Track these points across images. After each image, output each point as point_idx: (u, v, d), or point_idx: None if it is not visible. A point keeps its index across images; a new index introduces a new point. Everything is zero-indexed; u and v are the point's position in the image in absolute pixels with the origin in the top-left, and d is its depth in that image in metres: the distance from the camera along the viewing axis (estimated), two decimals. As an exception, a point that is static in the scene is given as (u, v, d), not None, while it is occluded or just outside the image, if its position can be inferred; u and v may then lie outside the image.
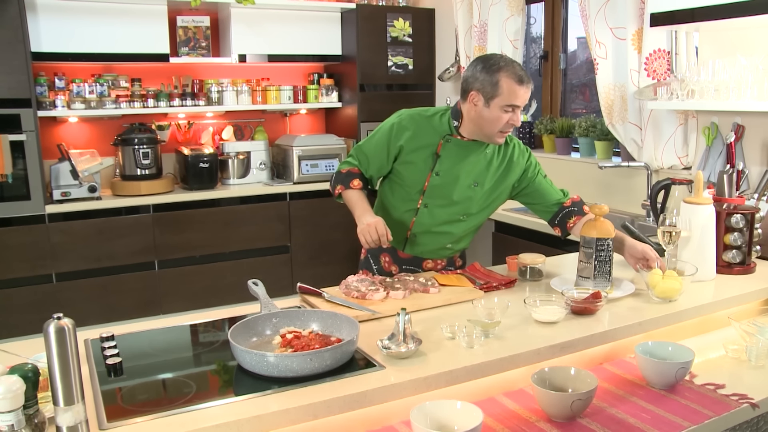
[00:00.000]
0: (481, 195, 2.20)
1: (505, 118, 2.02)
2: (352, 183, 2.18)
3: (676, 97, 2.80)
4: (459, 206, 2.18)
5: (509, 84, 1.99)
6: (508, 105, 2.00)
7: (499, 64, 2.00)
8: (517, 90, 1.99)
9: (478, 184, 2.17)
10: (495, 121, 2.03)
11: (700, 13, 2.58)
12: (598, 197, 3.58)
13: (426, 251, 2.27)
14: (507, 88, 1.99)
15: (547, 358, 1.58)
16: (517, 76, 1.99)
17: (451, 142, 2.14)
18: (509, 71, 1.99)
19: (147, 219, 4.15)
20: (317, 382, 1.38)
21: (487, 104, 2.02)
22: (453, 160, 2.14)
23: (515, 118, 2.03)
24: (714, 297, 1.95)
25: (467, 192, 2.17)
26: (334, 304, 1.85)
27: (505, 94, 1.99)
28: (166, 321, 1.85)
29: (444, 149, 2.14)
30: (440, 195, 2.16)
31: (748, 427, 1.57)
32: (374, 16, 4.73)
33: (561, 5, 4.09)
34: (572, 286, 1.92)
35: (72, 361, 1.11)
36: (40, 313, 3.82)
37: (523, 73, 2.01)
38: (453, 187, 2.15)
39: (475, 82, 2.03)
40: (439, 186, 2.15)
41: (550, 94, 4.22)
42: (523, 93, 2.01)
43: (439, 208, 2.18)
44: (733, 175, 2.20)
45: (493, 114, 2.02)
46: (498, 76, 1.99)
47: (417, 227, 2.22)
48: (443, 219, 2.20)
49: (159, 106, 4.36)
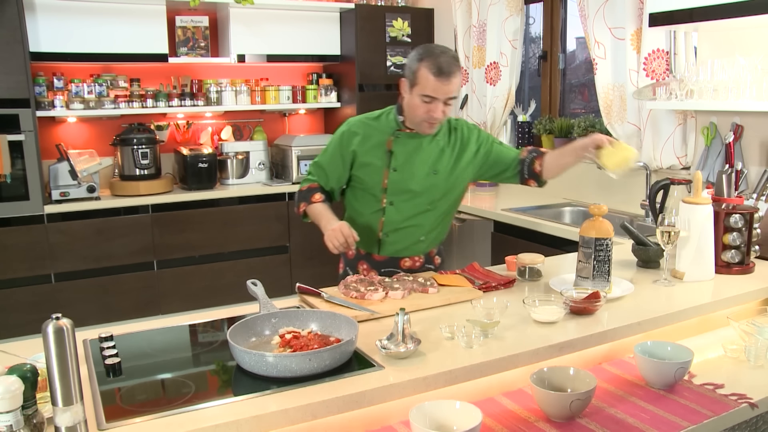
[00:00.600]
0: (442, 181, 2.21)
1: (424, 108, 2.03)
2: (313, 198, 2.20)
3: (675, 97, 2.80)
4: (423, 197, 2.20)
5: (426, 75, 1.99)
6: (424, 95, 2.01)
7: (425, 54, 2.00)
8: (432, 82, 1.99)
9: (437, 172, 2.19)
10: (416, 109, 2.06)
11: (699, 13, 2.58)
12: (597, 197, 3.59)
13: (400, 249, 2.27)
14: (423, 78, 2.00)
15: (546, 358, 1.58)
16: (436, 67, 1.97)
17: (401, 136, 2.17)
18: (430, 62, 1.98)
19: (146, 219, 4.15)
20: (316, 382, 1.38)
21: (410, 92, 2.05)
22: (406, 153, 2.16)
23: (435, 110, 2.03)
24: (713, 297, 1.95)
25: (427, 181, 2.18)
26: (333, 304, 1.85)
27: (422, 84, 2.01)
28: (165, 321, 1.85)
29: (395, 144, 2.16)
30: (402, 190, 2.18)
31: (747, 427, 1.57)
32: (373, 16, 4.73)
33: (560, 5, 4.09)
34: (571, 286, 1.92)
35: (71, 362, 1.11)
36: (39, 313, 3.82)
37: (445, 65, 1.98)
38: (412, 179, 2.17)
39: (405, 69, 2.09)
40: (399, 181, 2.17)
41: (549, 94, 4.22)
42: (440, 86, 1.99)
43: (403, 202, 2.19)
44: (731, 175, 2.20)
45: (414, 102, 2.05)
46: (419, 65, 2.01)
47: (387, 226, 2.23)
48: (410, 212, 2.21)
49: (158, 106, 4.36)
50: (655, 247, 2.21)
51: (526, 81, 4.52)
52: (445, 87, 2.01)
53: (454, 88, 2.04)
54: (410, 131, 2.17)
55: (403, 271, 2.27)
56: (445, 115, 2.08)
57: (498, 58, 4.16)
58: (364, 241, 2.23)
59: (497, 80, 4.18)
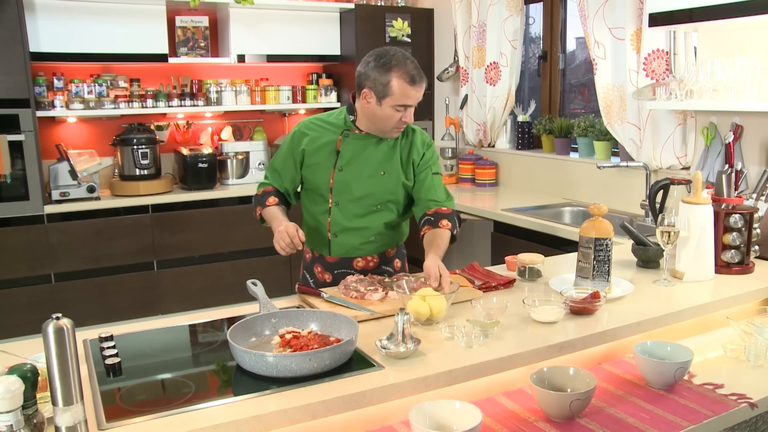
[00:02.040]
0: (392, 181, 2.16)
1: (397, 116, 2.02)
2: (268, 201, 2.18)
3: (675, 97, 2.80)
4: (370, 198, 2.15)
5: (401, 84, 1.97)
6: (399, 105, 2.00)
7: (391, 63, 1.97)
8: (409, 91, 1.98)
9: (386, 172, 2.15)
10: (387, 120, 2.04)
11: (699, 13, 2.58)
12: (596, 197, 3.59)
13: (351, 249, 2.21)
14: (398, 89, 1.97)
15: (545, 358, 1.58)
16: (409, 76, 1.97)
17: (350, 136, 2.14)
18: (401, 71, 1.96)
19: (146, 219, 4.14)
20: (316, 382, 1.38)
21: (379, 103, 2.01)
22: (354, 153, 2.13)
23: (407, 116, 2.04)
24: (713, 297, 1.96)
25: (375, 182, 2.14)
26: (333, 305, 1.85)
27: (397, 94, 1.98)
28: (165, 321, 1.85)
29: (344, 144, 2.14)
30: (347, 190, 2.14)
31: (746, 426, 1.57)
32: (373, 17, 4.73)
33: (560, 5, 4.09)
34: (571, 286, 1.92)
35: (71, 362, 1.11)
36: (39, 313, 3.82)
37: (416, 72, 1.99)
38: (357, 179, 2.13)
39: (367, 80, 2.01)
40: (345, 181, 2.14)
41: (549, 94, 4.22)
42: (415, 93, 2.00)
43: (349, 203, 2.15)
44: (731, 175, 2.21)
45: (385, 113, 2.02)
46: (389, 76, 1.97)
47: (333, 227, 2.19)
48: (356, 213, 2.17)
49: (158, 107, 4.36)
50: (655, 247, 2.21)
51: (526, 81, 4.52)
52: (418, 93, 2.01)
53: (423, 90, 2.05)
54: (360, 132, 2.14)
55: (357, 272, 2.21)
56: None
57: (498, 58, 4.16)
58: (316, 242, 2.24)
59: (497, 80, 4.18)
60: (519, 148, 4.28)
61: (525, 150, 4.24)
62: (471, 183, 4.37)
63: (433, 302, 1.69)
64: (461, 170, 4.42)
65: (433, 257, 1.96)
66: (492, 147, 4.45)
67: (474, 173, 4.35)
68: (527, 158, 4.15)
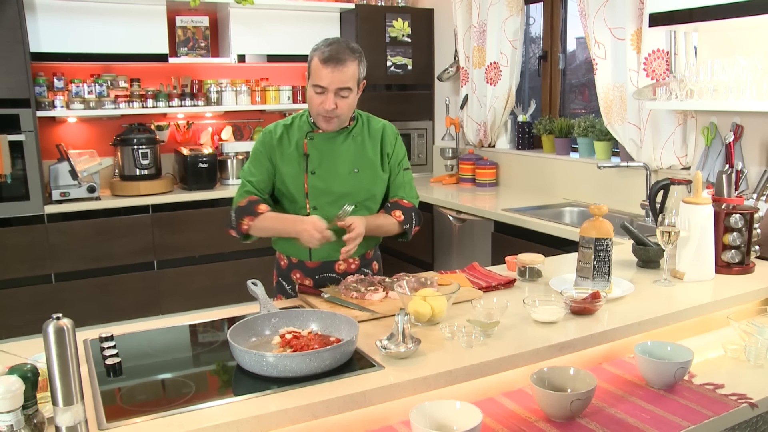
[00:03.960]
0: (367, 179, 2.12)
1: (317, 100, 1.99)
2: (259, 208, 2.05)
3: (675, 97, 2.80)
4: (347, 198, 2.10)
5: (315, 63, 1.97)
6: (315, 85, 1.98)
7: (320, 45, 1.99)
8: (320, 70, 1.95)
9: (360, 170, 2.11)
10: (311, 102, 2.02)
11: (699, 13, 2.58)
12: (597, 197, 3.59)
13: (332, 252, 2.12)
14: (314, 68, 1.98)
15: (546, 358, 1.58)
16: (324, 55, 1.94)
17: (315, 137, 2.10)
18: (320, 50, 1.96)
19: (146, 219, 4.15)
20: (316, 382, 1.38)
21: (308, 84, 2.03)
22: (323, 154, 2.09)
23: (326, 102, 1.97)
24: (713, 297, 1.96)
25: (350, 181, 2.10)
26: (334, 305, 1.85)
27: (313, 73, 1.98)
28: (165, 321, 1.85)
29: (310, 147, 2.09)
30: (324, 193, 2.09)
31: (746, 427, 1.57)
32: (373, 17, 4.73)
33: (560, 5, 4.09)
34: (571, 286, 1.92)
35: (71, 362, 1.11)
36: (40, 313, 3.82)
37: (335, 52, 1.94)
38: (333, 180, 2.09)
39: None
40: (319, 184, 2.09)
41: (549, 94, 4.22)
42: (326, 74, 1.94)
43: (327, 205, 2.09)
44: (732, 175, 2.21)
45: (309, 93, 2.02)
46: (312, 54, 1.99)
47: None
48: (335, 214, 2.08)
49: (158, 107, 4.36)
50: (655, 247, 2.21)
51: (526, 81, 4.52)
52: (334, 75, 1.94)
53: (346, 78, 1.96)
54: (322, 131, 2.09)
55: (339, 276, 2.16)
56: (339, 109, 2.00)
57: (498, 58, 4.16)
58: (294, 248, 2.15)
59: (497, 80, 4.18)
60: (519, 148, 4.28)
61: (525, 150, 4.24)
62: (471, 183, 4.37)
63: (433, 302, 1.69)
64: (461, 170, 4.42)
65: (361, 218, 2.03)
66: (492, 147, 4.46)
67: (474, 173, 4.35)
68: (527, 158, 4.15)
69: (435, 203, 4.02)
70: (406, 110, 4.95)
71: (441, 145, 4.90)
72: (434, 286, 1.89)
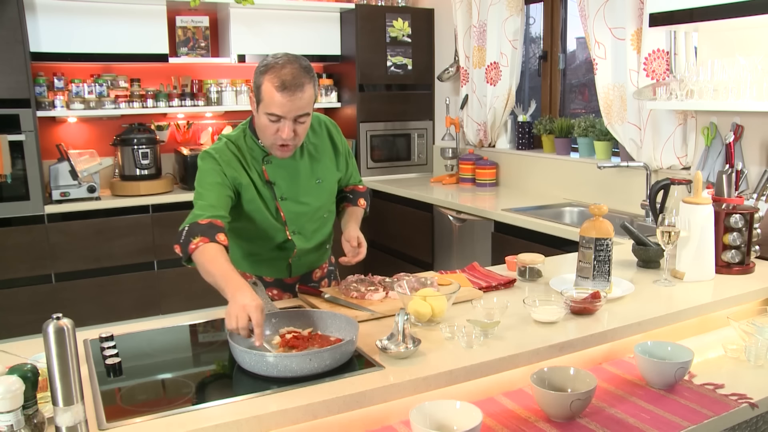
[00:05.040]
0: (330, 185, 2.07)
1: (272, 128, 1.79)
2: (218, 237, 1.75)
3: (675, 97, 2.80)
4: (318, 212, 2.05)
5: (269, 90, 1.74)
6: (269, 113, 1.77)
7: (269, 65, 1.76)
8: (276, 97, 1.74)
9: (321, 179, 2.03)
10: (264, 130, 1.83)
11: (699, 13, 2.58)
12: (597, 197, 3.59)
13: (311, 264, 2.14)
14: (266, 93, 1.76)
15: (546, 358, 1.58)
16: (280, 81, 1.73)
17: (272, 161, 1.94)
18: (274, 74, 1.74)
19: (146, 219, 4.15)
20: (316, 382, 1.38)
21: (256, 110, 1.82)
22: (285, 176, 1.95)
23: (282, 130, 1.78)
24: (713, 297, 1.96)
25: (317, 193, 2.02)
26: (334, 305, 1.85)
27: (266, 100, 1.76)
28: (165, 321, 1.85)
29: (270, 172, 1.94)
30: (300, 215, 2.00)
31: (747, 427, 1.57)
32: (373, 17, 4.73)
33: (560, 5, 4.09)
34: (571, 286, 1.92)
35: (71, 362, 1.11)
36: (40, 313, 3.82)
37: (291, 78, 1.73)
38: (305, 199, 1.99)
39: (252, 83, 1.84)
40: (294, 208, 1.98)
41: (549, 94, 4.22)
42: (284, 102, 1.74)
43: (306, 223, 2.03)
44: (732, 175, 2.21)
45: (261, 121, 1.81)
46: (263, 78, 1.76)
47: (298, 253, 2.06)
48: (313, 230, 2.06)
49: (158, 107, 4.36)
50: (655, 247, 2.21)
51: (526, 81, 4.52)
52: (291, 103, 1.75)
53: (305, 104, 1.78)
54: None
55: (314, 284, 2.15)
56: (297, 136, 1.82)
57: (498, 58, 4.16)
58: (271, 270, 2.08)
59: (497, 80, 4.18)
60: (519, 148, 4.28)
61: (525, 150, 4.24)
62: (471, 183, 4.37)
63: (433, 302, 1.69)
64: (462, 170, 4.42)
65: (355, 228, 2.07)
66: (492, 147, 4.46)
67: (474, 173, 4.35)
68: (527, 158, 4.15)
69: (435, 203, 4.02)
70: (406, 110, 4.95)
71: (441, 145, 4.90)
72: (434, 286, 1.89)
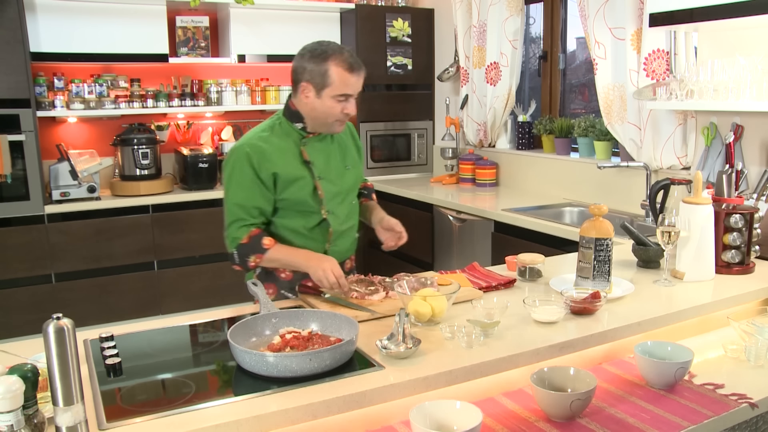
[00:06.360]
0: (357, 173, 2.21)
1: (339, 107, 1.97)
2: (265, 243, 1.96)
3: (675, 97, 2.80)
4: (349, 195, 2.15)
5: (339, 72, 1.92)
6: (340, 95, 1.94)
7: (327, 52, 1.92)
8: (348, 78, 1.93)
9: (348, 166, 2.15)
10: (329, 112, 1.97)
11: (699, 14, 2.58)
12: (597, 197, 3.59)
13: (343, 251, 2.17)
14: (337, 78, 1.92)
15: (546, 358, 1.58)
16: (347, 63, 1.92)
17: (308, 143, 2.06)
18: (338, 59, 1.92)
19: (146, 219, 4.15)
20: (316, 382, 1.38)
21: (318, 95, 1.95)
22: (321, 157, 2.07)
23: (349, 107, 1.98)
24: (713, 297, 1.96)
25: (348, 177, 2.14)
26: (334, 304, 1.85)
27: (336, 84, 1.93)
28: (165, 321, 1.85)
29: (309, 153, 2.05)
30: (335, 195, 2.09)
31: (747, 426, 1.57)
32: (373, 17, 4.73)
33: (560, 5, 4.09)
34: (571, 286, 1.92)
35: (71, 362, 1.11)
36: (40, 313, 3.82)
37: (353, 59, 1.94)
38: (338, 181, 2.10)
39: (303, 73, 1.96)
40: (330, 188, 2.08)
41: (549, 94, 4.22)
42: (355, 81, 1.95)
43: (337, 206, 2.11)
44: (732, 175, 2.21)
45: (326, 104, 1.96)
46: (327, 65, 1.92)
47: (334, 235, 2.12)
48: (345, 213, 2.14)
49: (158, 107, 4.36)
50: (655, 247, 2.21)
51: (526, 81, 4.52)
52: (358, 81, 1.97)
53: (363, 81, 2.00)
54: (313, 135, 2.06)
55: (346, 273, 2.15)
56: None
57: (498, 58, 4.16)
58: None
59: (497, 80, 4.18)
60: (519, 148, 4.28)
61: (525, 150, 4.24)
62: (471, 183, 4.37)
63: (434, 302, 1.69)
64: (462, 170, 4.42)
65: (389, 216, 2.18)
66: (492, 147, 4.45)
67: (474, 173, 4.35)
68: (528, 158, 4.15)
69: (435, 203, 4.02)
70: (406, 110, 4.95)
71: (441, 145, 4.90)
72: (434, 286, 1.89)
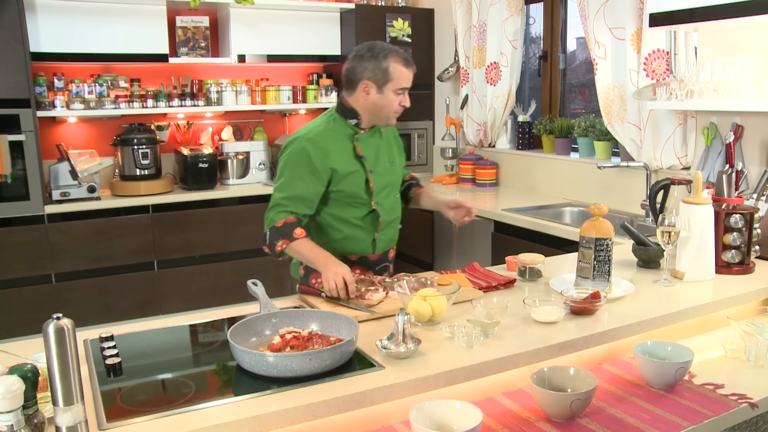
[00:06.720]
0: (399, 169, 2.35)
1: (398, 100, 2.16)
2: (296, 233, 2.06)
3: (675, 97, 2.80)
4: (395, 188, 2.32)
5: (398, 69, 2.12)
6: (399, 88, 2.14)
7: (386, 51, 2.13)
8: (406, 73, 2.14)
9: (393, 162, 2.31)
10: (389, 105, 2.16)
11: (699, 13, 2.58)
12: (597, 197, 3.59)
13: (389, 241, 2.32)
14: (397, 73, 2.12)
15: (546, 358, 1.58)
16: (404, 59, 2.14)
17: (361, 138, 2.21)
18: (396, 56, 2.13)
19: (146, 219, 4.15)
20: (316, 382, 1.38)
21: (380, 90, 2.14)
22: (371, 152, 2.23)
23: (406, 100, 2.18)
24: (713, 297, 1.96)
25: (393, 172, 2.30)
26: (334, 304, 1.85)
27: (396, 78, 2.13)
28: (165, 321, 1.85)
29: (361, 148, 2.20)
30: (383, 188, 2.24)
31: (747, 426, 1.57)
32: (373, 17, 4.73)
33: (560, 5, 4.09)
34: (571, 286, 1.92)
35: (71, 362, 1.11)
36: (40, 313, 3.82)
37: (408, 56, 2.17)
38: (386, 175, 2.26)
39: (364, 72, 2.15)
40: (380, 181, 2.22)
41: (549, 94, 4.22)
42: (410, 76, 2.17)
43: (385, 198, 2.25)
44: (732, 175, 2.21)
45: (388, 98, 2.15)
46: (387, 62, 2.12)
47: (383, 225, 2.25)
48: (390, 205, 2.28)
49: (158, 107, 4.36)
50: (655, 247, 2.21)
51: (526, 81, 4.52)
52: (412, 75, 2.17)
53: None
54: (364, 131, 2.22)
55: (390, 263, 2.35)
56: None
57: (498, 59, 4.16)
58: (358, 246, 2.24)
59: (497, 80, 4.18)
60: (519, 148, 4.28)
61: (525, 150, 4.24)
62: (471, 183, 4.37)
63: (433, 302, 1.69)
64: (462, 170, 4.42)
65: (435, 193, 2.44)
66: (492, 147, 4.45)
67: (474, 173, 4.35)
68: (527, 158, 4.15)
69: (435, 203, 4.02)
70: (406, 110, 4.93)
71: (441, 145, 4.90)
72: (434, 286, 1.89)
